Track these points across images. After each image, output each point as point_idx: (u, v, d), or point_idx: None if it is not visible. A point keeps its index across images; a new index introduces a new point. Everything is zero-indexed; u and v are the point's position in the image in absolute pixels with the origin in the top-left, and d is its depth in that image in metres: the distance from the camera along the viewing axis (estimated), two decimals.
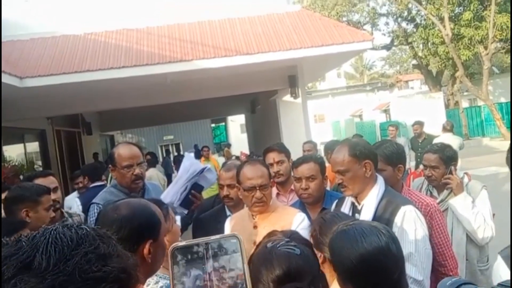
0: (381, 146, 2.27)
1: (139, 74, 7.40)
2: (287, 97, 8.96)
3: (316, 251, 1.52)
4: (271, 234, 1.29)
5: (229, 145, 18.62)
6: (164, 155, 18.73)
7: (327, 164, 2.78)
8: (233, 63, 7.60)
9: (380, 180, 2.03)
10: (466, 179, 2.69)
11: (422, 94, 25.72)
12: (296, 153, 4.07)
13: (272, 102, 10.43)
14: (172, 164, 16.34)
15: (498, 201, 2.73)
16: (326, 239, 1.53)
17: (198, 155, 16.57)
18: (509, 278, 1.27)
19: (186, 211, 2.65)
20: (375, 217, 1.88)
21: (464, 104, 25.26)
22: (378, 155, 2.10)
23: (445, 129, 7.76)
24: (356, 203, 2.03)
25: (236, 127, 28.08)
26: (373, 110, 28.64)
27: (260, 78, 8.96)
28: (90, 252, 0.52)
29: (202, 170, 2.68)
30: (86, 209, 2.96)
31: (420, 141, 7.53)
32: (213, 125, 32.87)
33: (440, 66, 23.62)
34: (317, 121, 29.15)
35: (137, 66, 7.41)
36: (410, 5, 20.90)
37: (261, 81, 9.09)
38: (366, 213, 1.90)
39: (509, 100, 24.78)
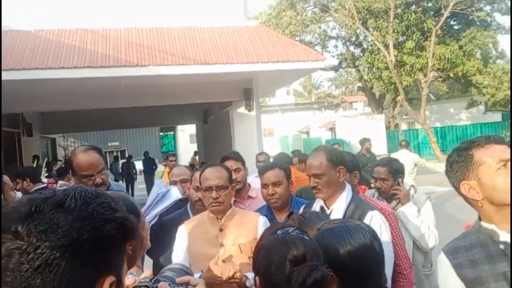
0: None
1: (92, 76, 7.22)
2: (242, 109, 9.11)
3: None
4: (274, 226, 1.33)
5: (196, 153, 18.39)
6: (112, 161, 18.09)
7: None
8: (191, 72, 7.64)
9: (348, 186, 2.18)
10: (412, 191, 2.94)
11: (365, 115, 27.03)
12: (248, 165, 4.16)
13: (225, 113, 10.53)
14: (120, 170, 15.85)
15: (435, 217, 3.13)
16: None
17: (149, 163, 16.23)
18: (447, 272, 1.40)
19: None
20: None
21: (403, 126, 26.83)
22: None
23: (402, 146, 8.34)
24: (325, 207, 2.15)
25: (185, 137, 27.81)
26: (320, 127, 29.60)
27: (215, 89, 9.05)
28: (104, 203, 0.72)
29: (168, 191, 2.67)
30: None
31: (368, 157, 7.95)
32: (161, 133, 32.29)
33: (383, 90, 25.01)
34: (266, 135, 29.59)
35: (90, 67, 7.24)
36: (358, 31, 22.05)
37: (216, 92, 9.18)
38: (335, 217, 2.02)
39: (443, 125, 26.69)
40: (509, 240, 1.32)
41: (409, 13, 19.88)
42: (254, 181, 3.33)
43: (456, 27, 22.42)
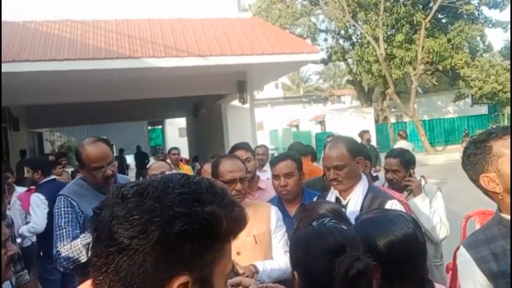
0: None
1: (84, 68, 7.04)
2: (235, 102, 9.01)
3: None
4: (308, 217, 1.28)
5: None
6: None
7: None
8: (185, 64, 7.51)
9: (364, 176, 2.14)
10: (423, 182, 2.91)
11: (354, 108, 27.12)
12: None
13: (217, 106, 10.43)
14: None
15: None
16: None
17: (141, 158, 15.98)
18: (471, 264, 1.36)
19: None
20: (362, 211, 1.96)
21: (392, 120, 27.03)
22: None
23: (401, 137, 8.39)
24: (341, 198, 2.11)
25: (174, 131, 27.56)
26: (309, 121, 29.63)
27: (208, 81, 8.92)
28: (187, 194, 0.65)
29: None
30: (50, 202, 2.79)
31: (368, 148, 8.00)
32: (149, 127, 31.95)
33: (372, 83, 25.10)
34: (256, 129, 29.53)
35: (82, 59, 7.05)
36: (347, 24, 22.04)
37: (209, 85, 9.06)
38: (353, 208, 1.98)
39: (431, 118, 26.99)
40: None
41: (398, 6, 19.91)
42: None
43: (444, 20, 22.56)
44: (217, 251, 0.67)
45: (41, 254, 3.62)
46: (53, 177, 3.83)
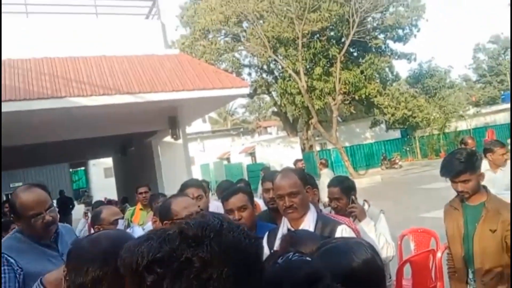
0: None
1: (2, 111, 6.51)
2: (167, 139, 8.85)
3: None
4: (272, 256, 1.27)
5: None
6: None
7: None
8: (113, 102, 7.27)
9: (311, 205, 2.20)
10: (366, 206, 3.06)
11: (281, 139, 27.97)
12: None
13: (148, 143, 10.17)
14: None
15: None
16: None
17: (66, 204, 14.85)
18: None
19: None
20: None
21: (317, 148, 28.25)
22: None
23: (323, 165, 8.72)
24: (293, 228, 2.13)
25: (99, 171, 26.19)
26: (240, 153, 29.91)
27: (138, 119, 8.71)
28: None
29: None
30: None
31: None
32: (71, 169, 30.01)
33: (296, 114, 26.19)
34: None
35: None
36: (269, 59, 23.02)
37: (139, 122, 8.84)
38: None
39: (352, 144, 28.64)
40: None
41: (314, 41, 21.28)
42: None
43: (356, 54, 24.49)
44: None
45: None
46: None
